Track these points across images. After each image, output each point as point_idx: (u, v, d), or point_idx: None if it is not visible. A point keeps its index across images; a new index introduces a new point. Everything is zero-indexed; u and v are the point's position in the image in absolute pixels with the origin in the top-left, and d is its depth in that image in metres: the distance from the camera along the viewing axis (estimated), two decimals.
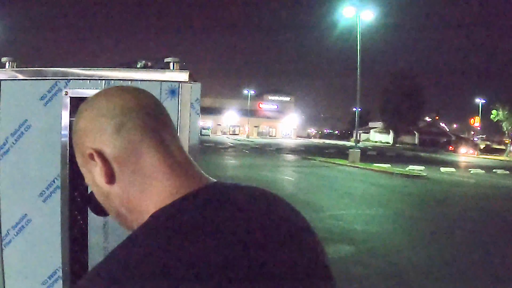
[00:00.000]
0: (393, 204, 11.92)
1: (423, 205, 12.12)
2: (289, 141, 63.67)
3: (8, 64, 1.70)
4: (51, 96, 1.66)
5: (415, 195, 13.95)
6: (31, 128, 1.68)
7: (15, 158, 1.69)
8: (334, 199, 11.93)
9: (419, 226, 9.06)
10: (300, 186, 14.66)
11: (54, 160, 1.66)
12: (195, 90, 1.65)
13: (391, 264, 6.09)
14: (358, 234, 7.73)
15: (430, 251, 6.94)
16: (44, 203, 1.69)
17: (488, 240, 8.06)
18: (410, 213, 10.61)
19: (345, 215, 9.47)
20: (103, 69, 1.67)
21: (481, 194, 15.21)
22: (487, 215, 11.00)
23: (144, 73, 1.67)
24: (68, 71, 1.67)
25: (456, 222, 9.73)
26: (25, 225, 1.71)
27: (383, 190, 14.70)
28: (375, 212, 10.23)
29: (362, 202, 11.82)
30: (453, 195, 14.56)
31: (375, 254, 6.52)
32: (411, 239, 7.84)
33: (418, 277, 5.61)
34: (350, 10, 27.19)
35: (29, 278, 1.75)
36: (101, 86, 1.66)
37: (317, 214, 9.27)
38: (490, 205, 12.76)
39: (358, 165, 23.13)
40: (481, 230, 9.10)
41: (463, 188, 16.81)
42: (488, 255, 6.88)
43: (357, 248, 6.74)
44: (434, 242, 7.68)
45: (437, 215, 10.48)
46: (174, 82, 1.65)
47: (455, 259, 6.56)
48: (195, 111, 1.65)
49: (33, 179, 1.69)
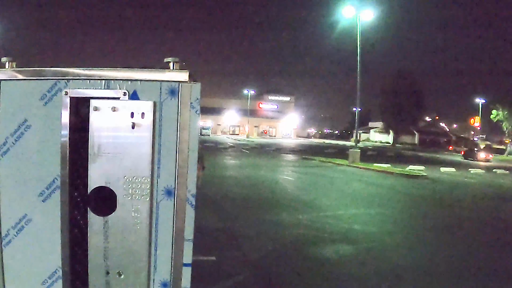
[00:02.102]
0: (393, 204, 11.92)
1: (423, 205, 12.12)
2: (289, 141, 63.65)
3: (8, 64, 1.70)
4: (51, 96, 1.66)
5: (415, 195, 13.95)
6: (31, 128, 1.68)
7: (15, 158, 1.68)
8: (334, 199, 11.92)
9: (418, 226, 9.05)
10: (299, 186, 14.65)
11: (54, 160, 1.66)
12: (195, 90, 1.65)
13: (391, 263, 6.09)
14: (357, 234, 7.73)
15: (430, 250, 6.94)
16: (44, 203, 1.69)
17: (488, 240, 8.07)
18: (410, 213, 10.62)
19: (345, 215, 9.47)
20: (103, 69, 1.67)
21: (481, 194, 15.21)
22: (487, 215, 11.01)
23: (144, 73, 1.67)
24: (68, 71, 1.67)
25: (456, 222, 9.73)
26: (25, 225, 1.71)
27: (383, 190, 14.70)
28: (374, 212, 10.23)
29: (362, 202, 11.82)
30: (453, 195, 14.56)
31: (374, 254, 6.52)
32: (411, 239, 7.83)
33: (418, 277, 5.61)
34: (350, 10, 27.19)
35: (29, 278, 1.74)
36: (101, 86, 1.66)
37: (316, 214, 9.27)
38: (490, 205, 12.76)
39: (358, 165, 23.14)
40: (481, 230, 9.10)
41: (463, 188, 16.82)
42: (488, 255, 6.88)
43: (357, 248, 6.74)
44: (433, 242, 7.68)
45: (437, 215, 10.48)
46: (174, 82, 1.64)
47: (455, 258, 6.56)
48: (195, 111, 1.65)
49: (33, 179, 1.69)
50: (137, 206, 1.63)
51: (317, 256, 6.22)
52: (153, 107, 1.61)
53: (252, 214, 8.92)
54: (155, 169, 1.63)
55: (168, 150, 1.63)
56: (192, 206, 1.66)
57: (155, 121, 1.62)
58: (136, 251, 1.65)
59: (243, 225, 7.84)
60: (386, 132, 78.97)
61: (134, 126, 1.60)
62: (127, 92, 1.64)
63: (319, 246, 6.75)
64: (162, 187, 1.64)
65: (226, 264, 5.56)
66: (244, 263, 5.73)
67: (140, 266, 1.66)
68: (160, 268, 1.69)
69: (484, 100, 65.97)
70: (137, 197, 1.62)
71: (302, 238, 7.15)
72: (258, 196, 11.22)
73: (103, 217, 1.60)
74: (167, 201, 1.65)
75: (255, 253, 6.19)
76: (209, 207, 9.00)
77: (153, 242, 1.66)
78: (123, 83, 1.65)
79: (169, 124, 1.63)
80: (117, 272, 1.66)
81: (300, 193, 12.69)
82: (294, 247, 6.66)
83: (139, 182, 1.61)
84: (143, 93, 1.64)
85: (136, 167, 1.60)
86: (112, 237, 1.64)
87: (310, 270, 5.56)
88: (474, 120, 70.29)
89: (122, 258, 1.65)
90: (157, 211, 1.65)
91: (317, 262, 5.89)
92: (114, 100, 1.63)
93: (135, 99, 1.64)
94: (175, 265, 1.68)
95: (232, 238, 6.96)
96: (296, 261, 5.92)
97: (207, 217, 8.04)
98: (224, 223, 7.90)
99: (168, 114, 1.63)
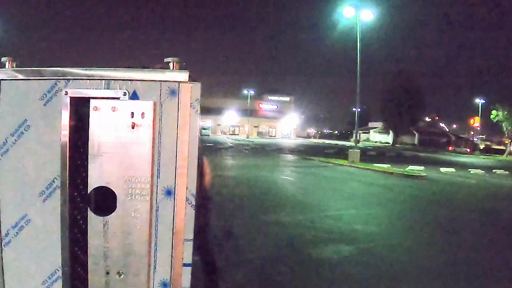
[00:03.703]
0: (393, 204, 11.92)
1: (423, 206, 12.12)
2: (289, 141, 63.63)
3: (8, 64, 1.70)
4: (51, 96, 1.66)
5: (414, 195, 13.95)
6: (31, 128, 1.67)
7: (15, 158, 1.68)
8: (333, 199, 11.92)
9: (418, 226, 9.05)
10: (299, 186, 14.64)
11: (53, 160, 1.66)
12: (195, 90, 1.65)
13: (391, 264, 6.08)
14: (357, 234, 7.73)
15: (430, 251, 6.94)
16: (43, 203, 1.69)
17: (489, 240, 8.06)
18: (409, 213, 10.61)
19: (345, 215, 9.46)
20: (103, 69, 1.66)
21: (481, 195, 15.21)
22: (487, 216, 11.00)
23: (143, 73, 1.66)
24: (68, 71, 1.67)
25: (455, 223, 9.73)
26: (25, 225, 1.71)
27: (382, 190, 14.69)
28: (374, 212, 10.22)
29: (362, 202, 11.81)
30: (453, 196, 14.55)
31: (375, 254, 6.51)
32: (411, 239, 7.83)
33: (418, 278, 5.60)
34: (349, 10, 27.20)
35: (29, 278, 1.74)
36: (101, 86, 1.66)
37: (316, 214, 9.27)
38: (490, 206, 12.76)
39: (358, 165, 23.14)
40: (481, 230, 9.10)
41: (462, 189, 16.81)
42: (489, 255, 6.88)
43: (357, 248, 6.73)
44: (433, 242, 7.68)
45: (437, 216, 10.47)
46: (174, 82, 1.64)
47: (455, 259, 6.56)
48: (195, 111, 1.65)
49: (33, 179, 1.68)
50: (137, 206, 1.63)
51: (317, 256, 6.22)
52: (153, 107, 1.61)
53: (251, 214, 8.91)
54: (155, 169, 1.63)
55: (168, 150, 1.63)
56: (192, 206, 1.65)
57: (155, 121, 1.62)
58: (136, 251, 1.65)
59: (242, 225, 7.84)
60: (386, 132, 78.99)
61: (134, 126, 1.60)
62: (127, 92, 1.64)
63: (319, 246, 6.74)
64: (162, 187, 1.64)
65: (225, 264, 5.55)
66: (243, 263, 5.73)
67: (140, 266, 1.66)
68: (160, 268, 1.68)
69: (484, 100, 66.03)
70: (137, 197, 1.62)
71: (301, 238, 7.15)
72: (258, 196, 11.21)
73: (103, 217, 1.60)
74: (167, 201, 1.65)
75: (254, 253, 6.18)
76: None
77: (153, 242, 1.66)
78: (123, 83, 1.65)
79: (169, 124, 1.63)
80: (117, 272, 1.66)
81: (299, 193, 12.68)
82: (294, 247, 6.65)
83: (139, 182, 1.61)
84: (143, 93, 1.64)
85: (136, 167, 1.60)
86: (112, 237, 1.64)
87: (309, 270, 5.55)
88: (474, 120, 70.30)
89: (122, 258, 1.65)
90: (157, 211, 1.65)
91: (316, 263, 5.88)
92: (114, 100, 1.63)
93: (135, 99, 1.64)
94: (175, 265, 1.67)
95: (231, 238, 6.95)
96: (295, 262, 5.92)
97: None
98: (224, 223, 7.90)
99: (168, 114, 1.63)
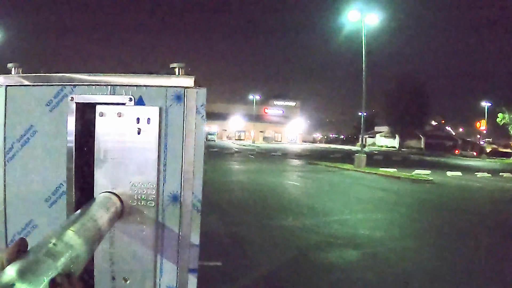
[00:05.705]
0: (399, 209, 11.85)
1: (430, 210, 12.04)
2: (295, 146, 63.58)
3: (14, 70, 1.70)
4: (57, 101, 1.66)
5: (421, 199, 13.86)
6: (37, 134, 1.68)
7: (21, 163, 1.69)
8: (339, 204, 11.87)
9: (425, 231, 8.99)
10: (306, 191, 14.61)
11: (60, 166, 1.66)
12: (200, 95, 1.65)
13: (397, 269, 6.04)
14: (363, 239, 7.68)
15: (437, 256, 6.88)
16: (50, 209, 1.69)
17: (496, 245, 7.98)
18: (416, 218, 10.54)
19: (351, 220, 9.42)
20: (108, 75, 1.67)
21: (488, 198, 15.08)
22: (495, 220, 10.90)
23: (149, 79, 1.66)
24: (73, 76, 1.67)
25: (462, 227, 9.65)
26: (31, 230, 1.71)
27: (389, 195, 14.61)
28: (381, 217, 10.17)
29: (368, 207, 11.75)
30: (460, 200, 14.44)
31: (381, 259, 6.47)
32: (417, 244, 7.77)
33: (424, 282, 5.55)
34: (355, 14, 27.20)
35: None
36: (107, 92, 1.66)
37: (322, 219, 9.23)
38: (498, 209, 12.65)
39: (364, 170, 23.06)
40: (489, 234, 9.01)
41: (469, 192, 16.69)
42: (496, 260, 6.81)
43: (363, 253, 6.69)
44: (440, 247, 7.61)
45: (443, 220, 10.39)
46: (179, 88, 1.64)
47: (462, 264, 6.50)
48: (201, 116, 1.65)
49: (39, 184, 1.69)
50: (143, 212, 1.62)
51: (323, 261, 6.18)
52: (159, 113, 1.61)
53: (258, 219, 8.90)
54: (161, 174, 1.63)
55: (174, 155, 1.63)
56: (198, 211, 1.65)
57: (160, 126, 1.61)
58: (142, 257, 1.64)
59: (249, 230, 7.82)
60: (392, 136, 78.71)
61: (140, 131, 1.59)
62: (133, 98, 1.64)
63: (325, 251, 6.71)
64: (168, 192, 1.63)
65: (232, 269, 5.54)
66: (250, 268, 5.71)
67: (146, 272, 1.65)
68: (166, 274, 1.68)
69: (490, 103, 65.68)
70: (143, 202, 1.61)
71: (308, 243, 7.12)
72: (264, 201, 11.19)
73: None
74: (173, 207, 1.65)
75: (261, 258, 6.16)
76: (215, 212, 9.00)
77: (159, 247, 1.65)
78: (129, 89, 1.65)
79: (175, 129, 1.63)
80: (123, 277, 1.65)
81: (306, 198, 12.64)
82: (300, 252, 6.62)
83: (144, 188, 1.60)
84: (149, 98, 1.64)
85: (142, 172, 1.60)
86: (118, 243, 1.64)
87: (316, 275, 5.52)
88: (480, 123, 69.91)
89: (128, 264, 1.65)
90: (163, 217, 1.64)
91: (323, 268, 5.85)
92: (120, 105, 1.63)
93: (140, 105, 1.64)
94: (181, 271, 1.67)
95: (238, 243, 6.94)
96: (302, 267, 5.89)
97: (213, 222, 8.03)
98: (230, 228, 7.88)
99: (174, 119, 1.63)
